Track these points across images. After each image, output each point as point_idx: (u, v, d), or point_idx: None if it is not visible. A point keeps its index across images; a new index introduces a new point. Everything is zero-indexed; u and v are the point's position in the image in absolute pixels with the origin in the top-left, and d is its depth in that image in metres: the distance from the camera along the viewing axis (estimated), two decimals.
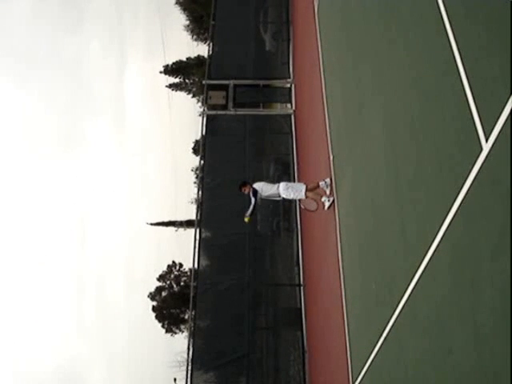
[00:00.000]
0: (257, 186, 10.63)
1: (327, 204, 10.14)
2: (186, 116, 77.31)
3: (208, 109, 19.69)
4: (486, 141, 3.83)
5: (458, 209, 4.29)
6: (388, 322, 6.19)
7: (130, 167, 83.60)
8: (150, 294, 46.62)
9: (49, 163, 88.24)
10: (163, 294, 46.54)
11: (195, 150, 48.36)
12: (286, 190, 10.33)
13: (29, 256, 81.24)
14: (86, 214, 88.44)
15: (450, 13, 4.73)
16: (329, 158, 10.75)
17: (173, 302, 44.72)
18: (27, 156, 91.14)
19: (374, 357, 6.92)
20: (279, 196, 10.51)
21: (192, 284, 16.34)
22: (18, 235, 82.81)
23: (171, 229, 56.52)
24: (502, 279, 3.46)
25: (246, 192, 10.65)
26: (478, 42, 4.16)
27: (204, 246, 16.63)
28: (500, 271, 3.52)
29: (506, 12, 3.63)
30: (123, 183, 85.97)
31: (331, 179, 10.36)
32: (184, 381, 14.64)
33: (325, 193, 10.38)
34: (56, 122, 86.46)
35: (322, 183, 10.42)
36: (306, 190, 10.34)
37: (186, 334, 40.39)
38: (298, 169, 16.83)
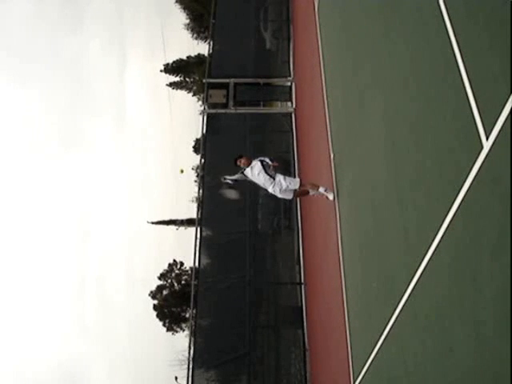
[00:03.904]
0: (251, 169, 10.08)
1: (330, 196, 9.88)
2: (186, 114, 77.32)
3: (208, 107, 19.68)
4: (487, 139, 3.82)
5: (459, 207, 4.29)
6: (389, 320, 6.20)
7: (130, 166, 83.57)
8: (151, 292, 46.64)
9: (50, 163, 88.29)
10: (164, 292, 46.53)
11: (196, 149, 48.36)
12: (274, 193, 9.95)
13: (30, 255, 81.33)
14: (87, 213, 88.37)
15: (451, 11, 4.73)
16: (329, 156, 10.75)
17: (174, 300, 44.73)
18: (28, 156, 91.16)
19: (375, 355, 6.93)
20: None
21: (193, 282, 16.33)
22: (20, 234, 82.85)
23: (172, 227, 56.50)
24: (503, 278, 3.46)
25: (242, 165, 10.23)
26: (478, 41, 4.16)
27: (205, 245, 16.63)
28: (500, 270, 3.52)
29: (506, 11, 3.63)
30: (124, 182, 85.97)
31: (332, 177, 10.33)
32: (185, 379, 14.64)
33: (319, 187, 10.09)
34: (57, 121, 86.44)
35: (321, 189, 10.03)
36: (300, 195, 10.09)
37: (187, 332, 40.40)
38: (298, 167, 16.82)
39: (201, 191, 17.95)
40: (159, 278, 47.17)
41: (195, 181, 47.68)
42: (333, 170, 10.42)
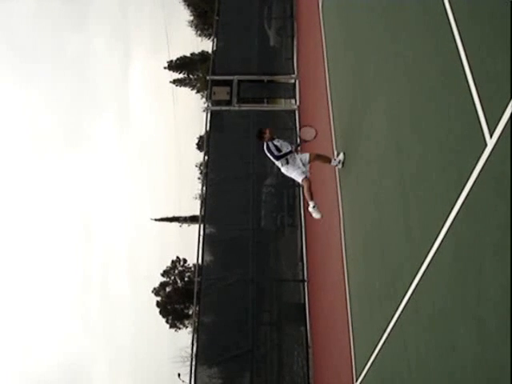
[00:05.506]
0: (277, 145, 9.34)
1: (340, 165, 9.66)
2: (190, 112, 77.27)
3: (212, 104, 19.67)
4: (491, 136, 3.81)
5: (462, 205, 4.28)
6: (392, 318, 6.20)
7: (133, 163, 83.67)
8: (155, 289, 46.73)
9: (53, 160, 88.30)
10: (167, 289, 46.62)
11: (199, 146, 48.39)
12: (286, 171, 9.49)
13: (33, 253, 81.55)
14: (90, 211, 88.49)
15: (455, 8, 4.71)
16: (333, 154, 10.73)
17: (177, 297, 44.82)
18: (32, 153, 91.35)
19: (378, 352, 6.93)
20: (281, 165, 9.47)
21: (196, 279, 16.37)
22: (23, 232, 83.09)
23: (175, 224, 56.56)
24: (506, 276, 3.45)
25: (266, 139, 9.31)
26: (482, 38, 4.15)
27: (208, 242, 16.65)
28: (503, 268, 3.51)
29: (508, 10, 3.63)
30: (127, 179, 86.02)
31: (335, 175, 10.33)
32: (188, 376, 14.67)
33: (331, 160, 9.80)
34: (61, 118, 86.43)
35: (333, 162, 9.82)
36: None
37: (190, 329, 40.52)
38: None
39: (204, 188, 17.94)
40: (162, 275, 47.26)
41: (199, 178, 47.72)
42: (336, 167, 10.39)
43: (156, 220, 58.14)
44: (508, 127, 3.57)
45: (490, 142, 3.81)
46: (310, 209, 9.52)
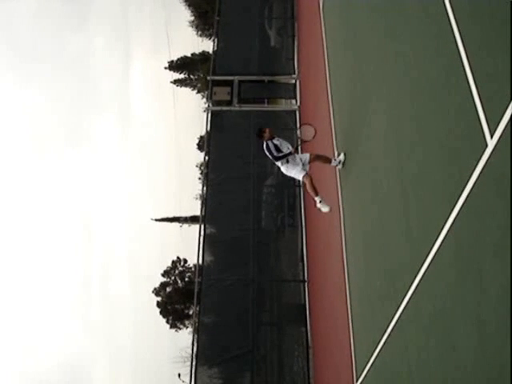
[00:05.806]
0: (277, 144, 9.31)
1: (340, 166, 9.64)
2: (190, 112, 77.14)
3: (213, 105, 19.68)
4: (491, 137, 3.81)
5: (463, 206, 4.28)
6: (392, 318, 6.19)
7: (134, 163, 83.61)
8: (155, 289, 46.72)
9: (53, 159, 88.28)
10: (168, 289, 46.61)
11: (200, 146, 48.38)
12: (286, 170, 9.46)
13: (33, 253, 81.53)
14: (91, 211, 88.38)
15: (456, 8, 4.72)
16: (333, 153, 10.73)
17: (177, 297, 44.80)
18: (32, 153, 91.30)
19: (378, 352, 6.93)
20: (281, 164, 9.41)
21: (196, 280, 16.38)
22: (23, 232, 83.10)
23: (176, 225, 56.55)
24: (506, 275, 3.45)
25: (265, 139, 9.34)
26: (483, 38, 4.15)
27: (208, 242, 16.66)
28: (503, 267, 3.51)
29: (508, 10, 3.63)
30: (128, 179, 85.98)
31: (336, 175, 10.33)
32: (188, 376, 14.68)
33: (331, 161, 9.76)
34: (61, 118, 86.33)
35: (334, 162, 9.79)
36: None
37: (190, 329, 40.51)
38: None
39: (205, 188, 17.96)
40: (163, 275, 47.25)
41: (199, 178, 47.70)
42: (337, 167, 10.39)
43: (156, 220, 58.15)
44: (508, 128, 3.57)
45: (491, 143, 3.81)
46: (318, 205, 9.36)
